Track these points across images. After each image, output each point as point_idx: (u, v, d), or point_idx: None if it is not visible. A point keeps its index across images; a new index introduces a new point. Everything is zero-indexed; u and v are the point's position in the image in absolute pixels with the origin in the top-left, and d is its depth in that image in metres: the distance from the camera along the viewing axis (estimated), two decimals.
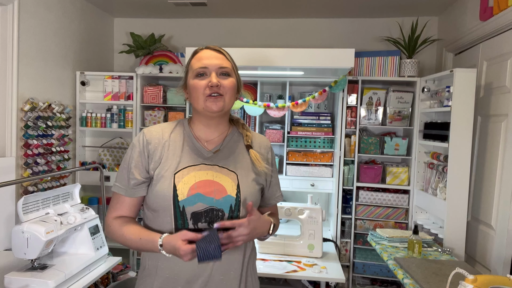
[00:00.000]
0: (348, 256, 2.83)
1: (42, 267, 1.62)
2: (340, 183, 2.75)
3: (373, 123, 2.84)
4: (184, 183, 1.13)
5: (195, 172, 1.15)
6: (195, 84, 1.16)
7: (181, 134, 1.22)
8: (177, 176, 1.14)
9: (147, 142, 1.18)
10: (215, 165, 1.19)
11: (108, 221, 1.20)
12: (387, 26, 3.19)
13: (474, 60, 2.54)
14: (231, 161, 1.21)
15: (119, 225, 1.17)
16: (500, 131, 2.18)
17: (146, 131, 1.21)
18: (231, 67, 1.20)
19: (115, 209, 1.20)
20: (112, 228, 1.18)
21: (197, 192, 1.13)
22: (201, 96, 1.15)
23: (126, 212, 1.21)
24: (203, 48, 1.22)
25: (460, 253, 2.25)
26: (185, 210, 1.12)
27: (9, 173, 2.26)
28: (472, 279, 1.29)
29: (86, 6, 3.07)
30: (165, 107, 3.05)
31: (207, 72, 1.16)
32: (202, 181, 1.15)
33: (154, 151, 1.18)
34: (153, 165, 1.17)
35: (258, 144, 1.30)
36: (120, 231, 1.16)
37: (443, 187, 2.33)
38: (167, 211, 1.13)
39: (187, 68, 1.23)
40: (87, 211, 1.85)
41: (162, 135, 1.20)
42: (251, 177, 1.22)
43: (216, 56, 1.18)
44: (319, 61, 2.43)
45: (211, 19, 3.38)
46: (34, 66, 2.51)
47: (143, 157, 1.18)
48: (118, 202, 1.20)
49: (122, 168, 1.20)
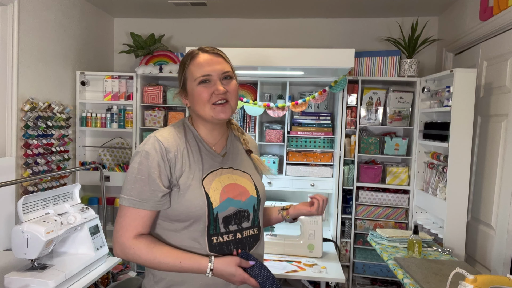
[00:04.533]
0: (348, 256, 2.83)
1: (42, 267, 1.62)
2: (340, 183, 2.75)
3: (373, 123, 2.84)
4: (214, 190, 1.13)
5: (218, 177, 1.16)
6: (199, 92, 1.14)
7: (194, 140, 1.19)
8: (204, 183, 1.13)
9: (166, 150, 1.11)
10: (230, 168, 1.21)
11: (128, 243, 1.07)
12: (387, 26, 3.19)
13: (474, 60, 2.53)
14: (239, 163, 1.25)
15: (147, 247, 1.07)
16: (500, 131, 2.18)
17: (162, 139, 1.12)
18: (231, 69, 1.19)
19: (133, 227, 1.08)
20: (138, 251, 1.07)
21: (227, 197, 1.15)
22: (207, 105, 1.14)
23: (145, 228, 1.10)
24: (198, 52, 1.17)
25: (460, 253, 2.25)
26: (218, 215, 1.12)
27: (9, 173, 2.26)
28: (472, 279, 1.29)
29: (86, 6, 3.07)
30: (165, 107, 3.05)
31: (211, 79, 1.14)
32: (228, 185, 1.16)
33: (175, 159, 1.12)
34: (176, 174, 1.11)
35: (253, 146, 1.35)
36: (151, 254, 1.07)
37: (443, 187, 2.33)
38: (201, 219, 1.10)
39: (184, 73, 1.18)
40: (87, 211, 1.85)
41: (178, 143, 1.15)
42: (258, 176, 1.29)
43: (217, 61, 1.16)
44: (319, 61, 2.43)
45: (211, 19, 3.38)
46: (34, 66, 2.51)
47: (166, 166, 1.10)
48: (137, 219, 1.08)
49: (137, 180, 1.08)
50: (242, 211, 1.17)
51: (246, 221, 1.18)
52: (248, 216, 1.18)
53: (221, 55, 1.19)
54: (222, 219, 1.13)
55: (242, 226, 1.17)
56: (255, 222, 1.21)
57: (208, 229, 1.12)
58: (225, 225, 1.14)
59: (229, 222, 1.14)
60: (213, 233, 1.12)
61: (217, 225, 1.13)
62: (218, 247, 1.13)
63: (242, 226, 1.17)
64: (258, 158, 1.30)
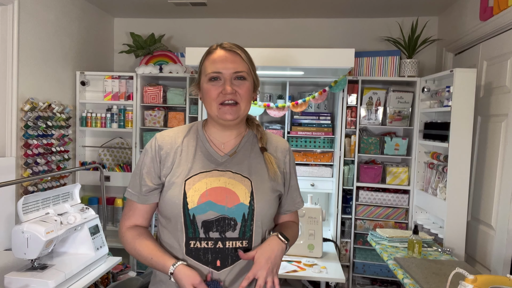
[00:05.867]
0: (348, 256, 2.83)
1: (42, 267, 1.62)
2: (340, 183, 2.75)
3: (373, 123, 2.84)
4: (194, 190, 1.08)
5: (206, 178, 1.10)
6: (208, 90, 1.10)
7: (194, 139, 1.17)
8: (187, 182, 1.09)
9: (159, 147, 1.14)
10: (228, 171, 1.12)
11: (122, 231, 1.16)
12: (387, 26, 3.19)
13: (474, 60, 2.53)
14: (245, 167, 1.14)
15: (132, 238, 1.13)
16: (500, 131, 2.18)
17: (158, 136, 1.16)
18: (247, 69, 1.12)
19: (129, 217, 1.16)
20: (126, 239, 1.14)
21: (208, 200, 1.07)
22: (214, 103, 1.10)
23: (139, 220, 1.16)
24: (217, 47, 1.13)
25: (460, 253, 2.25)
26: (195, 218, 1.07)
27: (9, 173, 2.26)
28: (472, 279, 1.29)
29: (86, 6, 3.07)
30: (165, 107, 3.05)
31: (221, 77, 1.09)
32: (214, 188, 1.09)
33: (166, 156, 1.13)
34: (165, 171, 1.12)
35: (274, 147, 1.21)
36: (132, 244, 1.12)
37: (443, 187, 2.33)
38: (178, 219, 1.08)
39: (200, 67, 1.15)
40: (87, 211, 1.85)
41: (174, 140, 1.15)
42: (267, 184, 1.13)
43: (232, 59, 1.10)
44: (319, 61, 2.43)
45: (211, 19, 3.38)
46: (34, 66, 2.51)
47: (155, 163, 1.13)
48: (131, 209, 1.16)
49: (134, 174, 1.17)
50: (227, 219, 1.07)
51: (231, 230, 1.07)
52: (235, 225, 1.07)
53: (239, 53, 1.12)
54: (202, 223, 1.07)
55: (225, 235, 1.07)
56: (246, 234, 1.09)
57: (187, 231, 1.08)
58: (205, 231, 1.07)
59: (209, 228, 1.07)
60: (191, 237, 1.08)
61: (196, 228, 1.07)
62: (194, 252, 1.08)
63: (225, 235, 1.07)
64: (271, 157, 1.15)
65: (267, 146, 1.19)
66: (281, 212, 1.24)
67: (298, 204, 1.27)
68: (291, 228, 1.23)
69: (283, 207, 1.23)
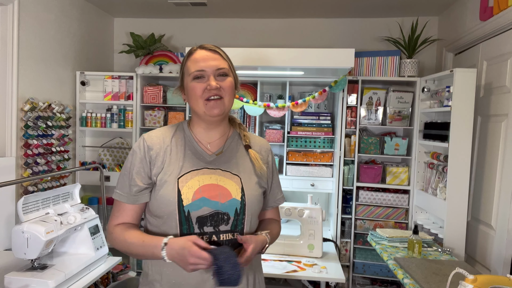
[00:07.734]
0: (348, 256, 2.83)
1: (42, 267, 1.62)
2: (340, 183, 2.75)
3: (373, 123, 2.84)
4: (188, 188, 1.12)
5: (198, 176, 1.14)
6: (193, 88, 1.15)
7: (182, 138, 1.21)
8: (180, 180, 1.13)
9: (148, 148, 1.17)
10: (218, 168, 1.18)
11: (110, 229, 1.18)
12: (387, 26, 3.19)
13: (474, 60, 2.53)
14: (233, 164, 1.20)
15: (121, 231, 1.15)
16: (500, 131, 2.18)
17: (146, 137, 1.19)
18: (228, 66, 1.18)
19: (117, 217, 1.18)
20: (114, 235, 1.16)
21: (202, 196, 1.12)
22: (200, 100, 1.14)
23: (128, 219, 1.19)
24: (197, 48, 1.19)
25: (460, 253, 2.25)
26: (190, 215, 1.11)
27: (9, 173, 2.26)
28: (472, 279, 1.29)
29: (86, 6, 3.07)
30: (165, 107, 3.05)
31: (205, 75, 1.14)
32: (207, 185, 1.14)
33: (156, 156, 1.16)
34: (155, 170, 1.15)
35: (259, 146, 1.29)
36: (122, 236, 1.14)
37: (443, 187, 2.33)
38: (172, 216, 1.11)
39: (182, 69, 1.21)
40: (87, 211, 1.85)
41: (163, 140, 1.19)
42: (254, 180, 1.21)
43: (212, 57, 1.16)
44: (319, 61, 2.43)
45: (211, 19, 3.38)
46: (34, 66, 2.51)
47: (145, 163, 1.16)
48: (120, 210, 1.18)
49: (122, 175, 1.18)
50: (220, 213, 1.12)
51: (224, 224, 1.13)
52: (228, 219, 1.13)
53: (219, 52, 1.19)
54: (196, 219, 1.11)
55: (219, 228, 1.13)
56: (237, 227, 1.15)
57: (181, 228, 1.11)
58: (200, 226, 1.12)
59: (204, 223, 1.12)
60: (186, 233, 1.11)
61: (190, 224, 1.11)
62: None
63: (219, 228, 1.12)
64: (256, 154, 1.23)
65: (252, 145, 1.26)
66: (264, 208, 1.31)
67: (279, 200, 1.35)
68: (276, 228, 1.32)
69: (266, 203, 1.31)
